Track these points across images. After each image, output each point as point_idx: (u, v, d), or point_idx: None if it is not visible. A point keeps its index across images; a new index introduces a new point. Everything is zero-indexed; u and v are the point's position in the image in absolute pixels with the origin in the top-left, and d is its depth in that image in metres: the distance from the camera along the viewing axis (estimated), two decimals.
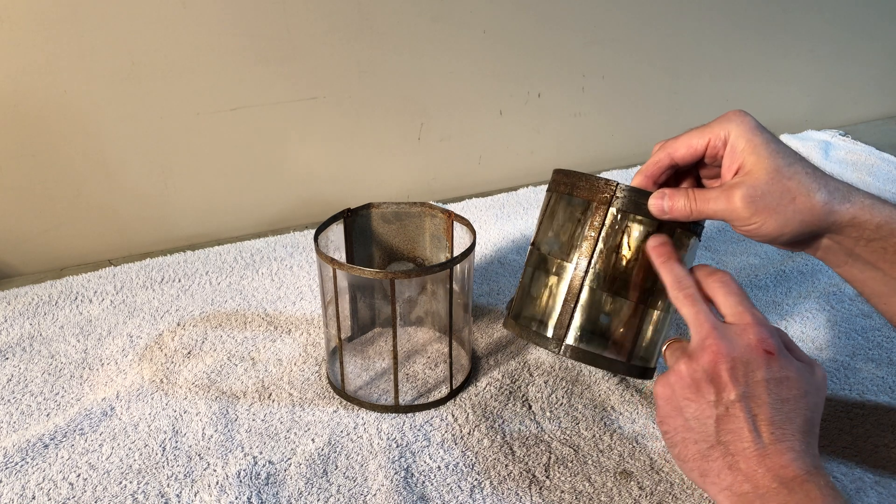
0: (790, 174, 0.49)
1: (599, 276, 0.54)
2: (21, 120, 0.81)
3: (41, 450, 0.60)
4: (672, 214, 0.53)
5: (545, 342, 0.56)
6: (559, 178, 0.58)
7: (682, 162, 0.54)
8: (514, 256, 0.90)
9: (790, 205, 0.49)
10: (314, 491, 0.57)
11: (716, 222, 0.98)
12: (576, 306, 0.55)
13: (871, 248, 0.51)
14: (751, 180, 0.50)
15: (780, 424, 0.46)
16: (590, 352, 0.55)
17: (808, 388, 0.47)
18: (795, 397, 0.47)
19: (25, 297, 0.79)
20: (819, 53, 1.31)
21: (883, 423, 0.65)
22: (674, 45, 1.16)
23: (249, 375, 0.69)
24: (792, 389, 0.47)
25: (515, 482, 0.58)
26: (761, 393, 0.46)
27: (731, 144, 0.51)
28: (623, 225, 0.54)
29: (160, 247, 0.93)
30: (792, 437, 0.46)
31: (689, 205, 0.52)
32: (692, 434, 0.48)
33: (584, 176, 0.56)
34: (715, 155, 0.53)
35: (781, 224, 0.50)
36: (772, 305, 0.81)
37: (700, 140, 0.53)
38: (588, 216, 0.55)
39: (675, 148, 0.54)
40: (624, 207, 0.54)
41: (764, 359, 0.47)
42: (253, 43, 0.88)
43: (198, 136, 0.91)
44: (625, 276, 0.54)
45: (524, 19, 1.03)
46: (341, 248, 0.70)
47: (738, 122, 0.51)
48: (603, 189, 0.54)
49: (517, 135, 1.11)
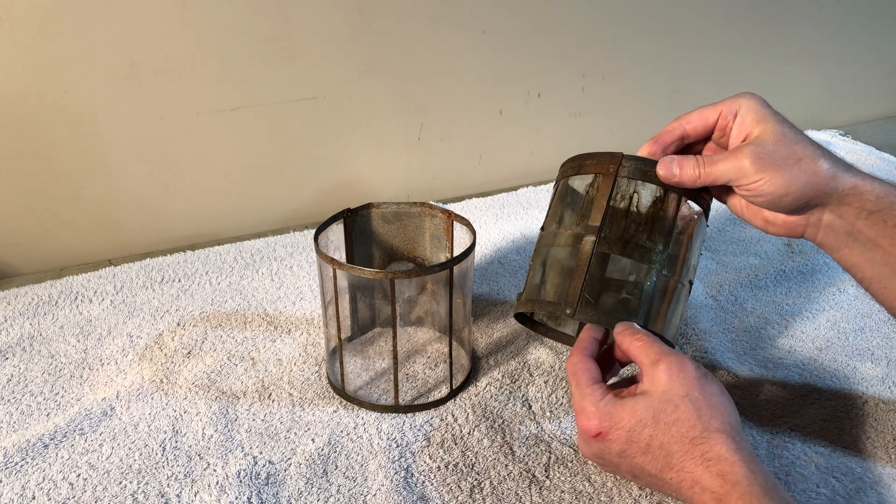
0: (796, 140, 0.52)
1: (610, 241, 0.55)
2: (21, 120, 0.81)
3: (41, 450, 0.60)
4: (680, 178, 0.54)
5: (559, 308, 0.55)
6: (566, 165, 0.60)
7: (694, 132, 0.57)
8: (514, 256, 0.90)
9: (796, 164, 0.51)
10: (314, 491, 0.57)
11: (716, 222, 0.99)
12: (588, 271, 0.55)
13: (871, 221, 0.52)
14: (758, 141, 0.52)
15: (655, 472, 0.49)
16: (605, 314, 0.55)
17: (636, 434, 0.49)
18: (637, 452, 0.49)
19: (25, 297, 0.79)
20: (819, 53, 1.31)
21: (883, 424, 0.65)
22: (674, 45, 1.16)
23: (249, 375, 0.69)
24: (631, 451, 0.50)
25: (515, 482, 0.58)
26: (620, 465, 0.51)
27: (740, 116, 0.54)
28: (630, 192, 0.56)
29: (160, 247, 0.93)
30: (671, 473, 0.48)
31: (698, 169, 0.54)
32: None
33: (589, 154, 0.58)
34: (724, 127, 0.55)
35: (787, 182, 0.51)
36: (772, 305, 0.81)
37: (712, 112, 0.56)
38: (596, 186, 0.56)
39: (687, 119, 0.57)
40: (630, 175, 0.55)
41: (599, 443, 0.51)
42: (253, 43, 0.88)
43: (198, 136, 0.91)
44: (636, 241, 0.55)
45: (524, 19, 1.03)
46: (341, 248, 0.70)
47: (749, 98, 0.55)
48: (609, 161, 0.56)
49: (517, 135, 1.11)
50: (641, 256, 0.55)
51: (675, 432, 0.48)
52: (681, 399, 0.48)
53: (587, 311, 0.55)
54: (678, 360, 0.50)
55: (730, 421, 0.48)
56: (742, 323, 0.78)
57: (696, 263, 0.59)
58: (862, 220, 0.52)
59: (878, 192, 0.52)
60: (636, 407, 0.49)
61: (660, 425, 0.48)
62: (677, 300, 0.57)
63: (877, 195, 0.52)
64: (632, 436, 0.49)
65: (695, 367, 0.50)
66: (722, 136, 0.56)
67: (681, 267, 0.56)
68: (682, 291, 0.57)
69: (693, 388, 0.49)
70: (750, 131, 0.54)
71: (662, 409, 0.48)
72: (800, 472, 0.59)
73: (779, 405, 0.67)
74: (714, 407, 0.48)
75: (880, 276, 0.54)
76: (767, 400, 0.67)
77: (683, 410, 0.48)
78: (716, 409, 0.48)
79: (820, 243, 0.55)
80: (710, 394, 0.49)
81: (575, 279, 0.55)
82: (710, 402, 0.48)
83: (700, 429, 0.47)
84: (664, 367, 0.49)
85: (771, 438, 0.63)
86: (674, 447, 0.48)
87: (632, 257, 0.55)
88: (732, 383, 0.69)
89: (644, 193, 0.56)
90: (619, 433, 0.49)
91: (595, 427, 0.50)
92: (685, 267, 0.57)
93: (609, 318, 0.55)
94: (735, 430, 0.48)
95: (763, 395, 0.68)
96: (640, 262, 0.55)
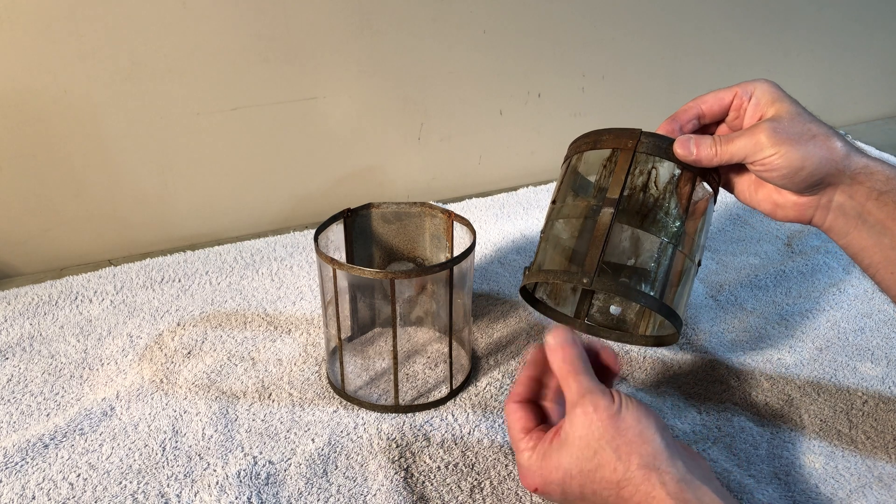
0: (810, 119, 0.54)
1: (628, 213, 0.56)
2: (21, 120, 0.81)
3: (41, 450, 0.60)
4: (697, 157, 0.55)
5: (575, 277, 0.55)
6: (580, 140, 0.60)
7: (709, 112, 0.58)
8: (514, 256, 0.90)
9: (811, 140, 0.52)
10: (314, 491, 0.57)
11: (716, 222, 0.99)
12: (607, 241, 0.54)
13: (881, 202, 0.53)
14: (774, 118, 0.54)
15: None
16: (622, 283, 0.56)
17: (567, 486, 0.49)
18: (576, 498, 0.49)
19: (25, 297, 0.79)
20: (819, 53, 1.30)
21: (883, 424, 0.65)
22: (674, 45, 1.16)
23: (249, 375, 0.69)
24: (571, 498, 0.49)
25: (515, 482, 0.58)
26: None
27: (755, 97, 0.56)
28: (648, 168, 0.56)
29: (160, 247, 0.93)
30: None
31: (715, 147, 0.55)
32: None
33: (606, 130, 0.58)
34: (739, 107, 0.57)
35: (802, 156, 0.52)
36: (772, 305, 0.81)
37: (727, 94, 0.57)
38: (615, 160, 0.57)
39: (703, 99, 0.58)
40: (648, 151, 0.56)
41: (541, 494, 0.51)
42: (253, 43, 0.88)
43: (198, 136, 0.91)
44: (653, 216, 0.56)
45: (524, 19, 1.03)
46: (341, 248, 0.70)
47: (763, 82, 0.57)
48: (628, 136, 0.57)
49: (517, 135, 1.11)
50: (658, 230, 0.56)
51: (599, 478, 0.47)
52: (598, 443, 0.47)
53: (604, 281, 0.54)
54: (592, 400, 0.48)
55: (651, 451, 0.47)
56: (742, 323, 0.78)
57: (704, 244, 0.59)
58: (872, 201, 0.53)
59: (888, 174, 0.53)
60: (560, 460, 0.48)
61: (585, 474, 0.48)
62: (687, 277, 0.57)
63: (886, 176, 0.53)
64: (564, 488, 0.49)
65: (607, 403, 0.48)
66: (736, 118, 0.58)
67: (692, 245, 0.57)
68: (692, 269, 0.58)
69: (608, 428, 0.47)
70: (765, 111, 0.55)
71: (583, 457, 0.47)
72: (800, 472, 0.59)
73: (779, 405, 0.67)
74: (631, 443, 0.47)
75: (888, 261, 0.54)
76: (767, 400, 0.67)
77: (602, 455, 0.47)
78: (633, 445, 0.47)
79: (828, 228, 0.56)
80: (625, 429, 0.47)
81: (592, 249, 0.55)
82: (626, 438, 0.47)
83: (622, 471, 0.46)
84: (580, 412, 0.48)
85: (771, 438, 0.63)
86: (605, 493, 0.47)
87: (649, 231, 0.56)
88: (733, 383, 0.69)
89: (661, 170, 0.56)
90: (553, 487, 0.49)
91: (531, 484, 0.50)
92: (695, 245, 0.57)
93: (626, 289, 0.55)
94: (658, 459, 0.46)
95: (763, 394, 0.68)
96: (657, 235, 0.56)
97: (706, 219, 0.59)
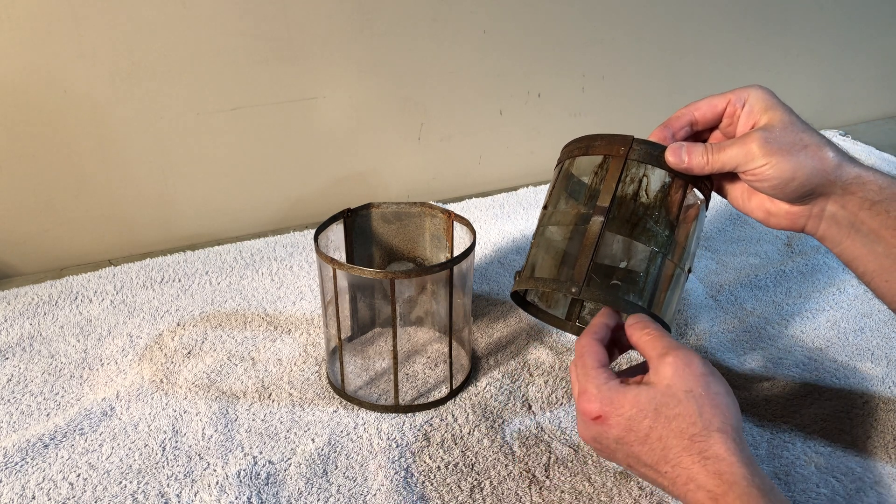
0: (803, 128, 0.53)
1: (618, 222, 0.55)
2: (21, 120, 0.81)
3: (41, 450, 0.60)
4: (689, 165, 0.55)
5: (564, 287, 0.55)
6: (571, 145, 0.60)
7: (702, 119, 0.58)
8: (514, 256, 0.90)
9: (802, 151, 0.52)
10: (314, 491, 0.57)
11: (716, 222, 0.99)
12: (596, 250, 0.55)
13: (874, 211, 0.53)
14: (766, 127, 0.53)
15: (650, 463, 0.48)
16: (611, 293, 0.55)
17: (636, 423, 0.49)
18: (634, 441, 0.49)
19: (25, 297, 0.79)
20: (819, 54, 1.31)
21: (883, 424, 0.65)
22: (674, 45, 1.16)
23: (249, 375, 0.69)
24: (629, 439, 0.49)
25: (515, 482, 0.58)
26: (616, 452, 0.50)
27: (749, 105, 0.56)
28: (640, 175, 0.56)
29: (160, 247, 0.93)
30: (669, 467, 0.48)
31: (706, 156, 0.55)
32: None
33: (598, 136, 0.58)
34: (733, 114, 0.57)
35: (794, 167, 0.52)
36: (772, 305, 0.81)
37: (721, 100, 0.57)
38: (606, 167, 0.56)
39: (696, 106, 0.58)
40: (640, 159, 0.56)
41: (597, 426, 0.50)
42: (253, 43, 0.88)
43: (198, 136, 0.91)
44: (643, 224, 0.56)
45: (524, 19, 1.03)
46: (341, 248, 0.70)
47: (758, 88, 0.56)
48: (620, 143, 0.56)
49: (517, 135, 1.11)
50: (647, 240, 0.56)
51: (674, 427, 0.47)
52: (684, 394, 0.48)
53: (592, 291, 0.54)
54: (685, 354, 0.50)
55: (731, 422, 0.48)
56: (742, 323, 0.78)
57: (695, 252, 0.59)
58: (865, 211, 0.53)
59: (881, 183, 0.53)
60: (639, 396, 0.49)
61: (660, 418, 0.48)
62: (676, 285, 0.57)
63: (879, 186, 0.53)
64: (631, 424, 0.49)
65: (702, 363, 0.50)
66: (729, 125, 0.57)
67: (682, 253, 0.57)
68: (681, 277, 0.57)
69: (698, 384, 0.48)
70: (758, 119, 0.55)
71: (665, 403, 0.48)
72: (800, 472, 0.59)
73: (779, 405, 0.67)
74: (717, 406, 0.48)
75: (882, 269, 0.54)
76: (767, 400, 0.67)
77: (685, 406, 0.48)
78: (718, 409, 0.48)
79: (821, 237, 0.56)
80: (715, 393, 0.48)
81: (581, 258, 0.55)
82: (714, 401, 0.48)
83: (701, 426, 0.47)
84: (670, 361, 0.49)
85: (771, 438, 0.63)
86: (672, 441, 0.47)
87: (638, 240, 0.56)
88: (733, 383, 0.69)
89: (652, 178, 0.56)
90: (618, 419, 0.49)
91: (595, 410, 0.50)
92: (685, 253, 0.57)
93: (614, 298, 0.55)
94: (736, 432, 0.48)
95: (763, 394, 0.68)
96: (646, 244, 0.56)
97: (697, 225, 0.58)
